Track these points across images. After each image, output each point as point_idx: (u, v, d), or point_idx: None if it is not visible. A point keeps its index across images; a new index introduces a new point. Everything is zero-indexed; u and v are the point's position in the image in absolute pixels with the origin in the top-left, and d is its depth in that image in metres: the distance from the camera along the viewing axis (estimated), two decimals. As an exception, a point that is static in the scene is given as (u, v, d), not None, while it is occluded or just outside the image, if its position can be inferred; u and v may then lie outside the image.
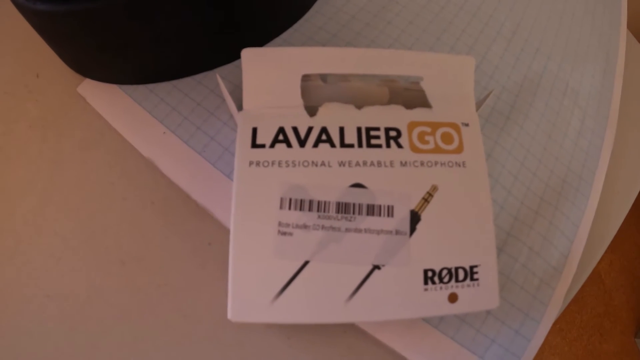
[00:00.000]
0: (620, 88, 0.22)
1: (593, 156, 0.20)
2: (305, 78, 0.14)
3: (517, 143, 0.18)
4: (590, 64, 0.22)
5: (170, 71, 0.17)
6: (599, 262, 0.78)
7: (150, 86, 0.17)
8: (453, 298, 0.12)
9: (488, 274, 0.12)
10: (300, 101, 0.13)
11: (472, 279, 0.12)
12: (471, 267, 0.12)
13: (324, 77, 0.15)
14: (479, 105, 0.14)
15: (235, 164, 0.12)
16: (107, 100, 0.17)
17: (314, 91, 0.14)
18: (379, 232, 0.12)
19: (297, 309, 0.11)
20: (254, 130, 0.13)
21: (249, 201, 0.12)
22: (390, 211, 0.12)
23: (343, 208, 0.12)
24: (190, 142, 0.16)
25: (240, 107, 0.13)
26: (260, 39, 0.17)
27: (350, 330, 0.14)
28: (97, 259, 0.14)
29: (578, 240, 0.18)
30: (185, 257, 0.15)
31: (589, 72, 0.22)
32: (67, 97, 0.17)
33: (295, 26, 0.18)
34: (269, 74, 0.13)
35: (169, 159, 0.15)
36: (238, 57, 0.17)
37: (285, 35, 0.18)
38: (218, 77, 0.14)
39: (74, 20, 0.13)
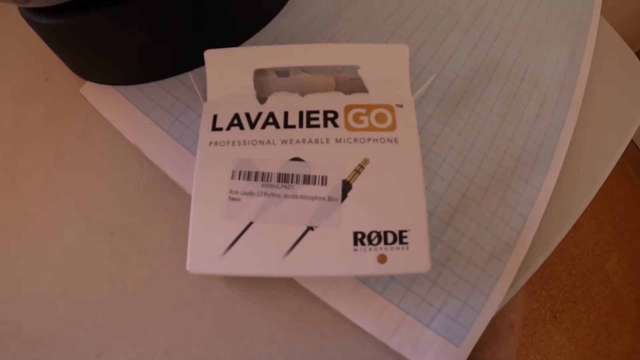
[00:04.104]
0: (587, 72, 0.22)
1: (552, 137, 0.20)
2: (262, 73, 0.16)
3: (468, 125, 0.19)
4: (555, 49, 0.23)
5: (155, 73, 0.19)
6: (606, 261, 0.74)
7: (140, 86, 0.19)
8: (382, 259, 0.13)
9: (418, 239, 0.13)
10: (253, 91, 0.15)
11: (401, 242, 0.13)
12: (400, 232, 0.13)
13: (279, 72, 0.17)
14: (417, 88, 0.15)
15: (198, 144, 0.14)
16: (103, 99, 0.19)
17: (268, 84, 0.16)
18: (313, 198, 0.13)
19: (243, 262, 0.13)
20: (215, 117, 0.15)
21: (206, 174, 0.14)
22: (324, 180, 0.13)
23: (283, 178, 0.13)
24: (169, 131, 0.18)
25: (205, 98, 0.15)
26: (232, 43, 0.19)
27: (300, 293, 0.16)
28: (89, 229, 0.17)
29: (532, 218, 0.18)
30: (162, 227, 0.17)
31: (554, 57, 0.22)
32: (71, 97, 0.20)
33: (264, 29, 0.20)
34: (227, 70, 0.15)
35: (152, 145, 0.18)
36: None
37: (253, 38, 0.20)
38: (190, 76, 0.16)
39: (73, 31, 0.16)
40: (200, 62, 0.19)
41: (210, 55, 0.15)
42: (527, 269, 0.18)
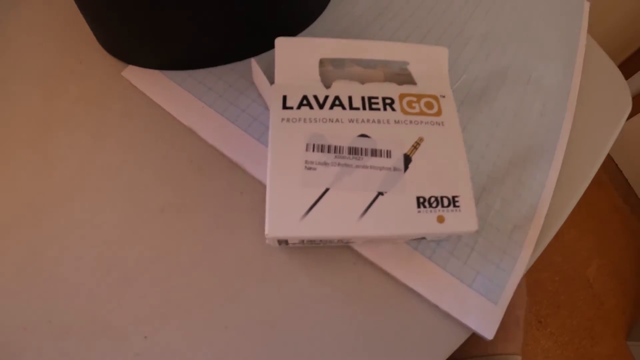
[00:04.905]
0: (579, 80, 0.28)
1: (554, 131, 0.25)
2: (320, 64, 0.19)
3: (488, 119, 0.23)
4: (552, 61, 0.28)
5: (206, 60, 0.21)
6: (587, 268, 0.83)
7: (189, 72, 0.22)
8: (441, 219, 0.16)
9: (467, 203, 0.17)
10: (318, 78, 0.18)
11: (454, 205, 0.16)
12: (453, 197, 0.17)
13: (335, 64, 0.20)
14: (454, 84, 0.19)
15: (270, 120, 0.17)
16: (150, 82, 0.21)
17: (327, 74, 0.19)
18: (381, 168, 0.16)
19: (320, 225, 0.15)
20: (284, 97, 0.18)
21: (281, 146, 0.16)
22: (388, 154, 0.17)
23: (353, 151, 0.16)
24: (225, 114, 0.20)
25: (272, 82, 0.18)
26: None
27: (360, 262, 0.18)
28: (138, 210, 0.18)
29: (544, 196, 0.22)
30: (219, 203, 0.19)
31: (552, 67, 0.28)
32: (111, 80, 0.22)
33: (309, 28, 0.23)
34: (295, 57, 0.18)
35: (207, 127, 0.20)
36: (263, 50, 0.22)
37: (302, 34, 0.23)
38: (253, 61, 0.19)
39: (130, 9, 0.18)
40: (253, 52, 0.22)
41: (280, 42, 0.18)
42: (542, 241, 0.22)
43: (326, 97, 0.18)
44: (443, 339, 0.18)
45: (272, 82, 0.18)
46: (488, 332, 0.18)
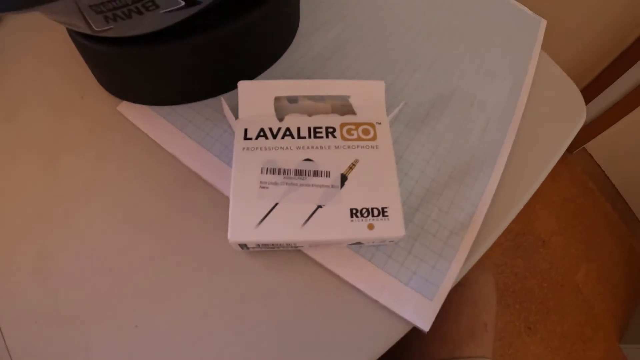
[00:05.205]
0: (526, 99, 0.31)
1: (495, 147, 0.28)
2: (277, 100, 0.23)
3: (430, 139, 0.27)
4: (498, 81, 0.32)
5: (187, 97, 0.26)
6: (576, 273, 0.84)
7: (172, 107, 0.26)
8: (371, 227, 0.20)
9: (395, 213, 0.20)
10: (274, 113, 0.22)
11: (383, 215, 0.20)
12: (382, 208, 0.20)
13: (290, 99, 0.24)
14: (391, 111, 0.23)
15: (234, 150, 0.21)
16: (140, 116, 0.26)
17: (283, 108, 0.23)
18: (320, 186, 0.20)
19: (271, 232, 0.19)
20: (245, 130, 0.21)
21: (242, 170, 0.20)
22: (328, 174, 0.20)
23: (299, 172, 0.20)
24: (202, 142, 0.24)
25: (237, 117, 0.22)
26: (249, 76, 0.27)
27: (310, 263, 0.22)
28: (132, 221, 0.22)
29: (481, 205, 0.26)
30: (196, 216, 0.22)
31: (497, 87, 0.31)
32: (108, 114, 0.26)
33: (274, 66, 0.28)
34: (255, 96, 0.22)
35: (187, 154, 0.24)
36: (233, 88, 0.26)
37: (266, 72, 0.27)
38: (222, 100, 0.23)
39: (127, 60, 0.22)
40: (221, 91, 0.27)
41: (242, 85, 0.22)
42: (480, 245, 0.25)
43: (279, 129, 0.22)
44: (384, 331, 0.21)
45: (237, 116, 0.22)
46: (424, 324, 0.21)
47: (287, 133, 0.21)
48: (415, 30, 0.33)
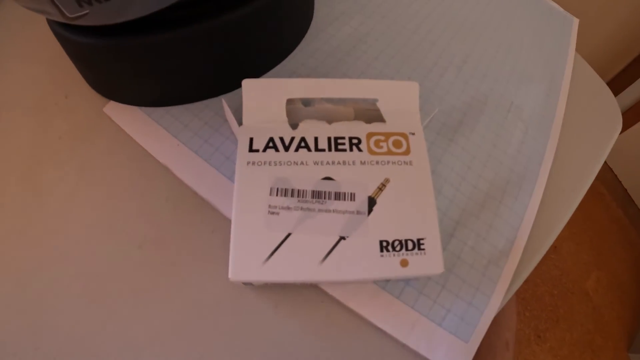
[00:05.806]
0: (564, 104, 0.28)
1: (535, 161, 0.24)
2: (290, 102, 0.19)
3: (464, 151, 0.23)
4: (534, 85, 0.28)
5: (183, 97, 0.22)
6: (586, 280, 0.81)
7: (167, 108, 0.22)
8: (404, 263, 0.16)
9: (433, 245, 0.16)
10: (285, 118, 0.18)
11: (419, 248, 0.16)
12: (418, 240, 0.16)
13: (305, 102, 0.20)
14: (426, 119, 0.19)
15: (236, 164, 0.17)
16: (129, 119, 0.21)
17: (297, 112, 0.19)
18: (344, 212, 0.16)
19: (283, 269, 0.15)
20: (251, 140, 0.18)
21: (246, 190, 0.16)
22: (352, 197, 0.16)
23: (317, 194, 0.16)
24: (199, 152, 0.20)
25: (240, 123, 0.18)
26: (255, 74, 0.22)
27: (327, 300, 0.18)
28: (118, 242, 0.18)
29: (523, 229, 0.22)
30: (193, 241, 0.19)
31: (533, 92, 0.28)
32: (94, 116, 0.22)
33: (284, 62, 0.24)
34: (262, 98, 0.18)
35: (182, 165, 0.20)
36: (237, 87, 0.22)
37: (275, 69, 0.23)
38: (223, 101, 0.19)
39: (112, 53, 0.18)
40: (224, 90, 0.23)
41: (247, 84, 0.18)
42: (521, 274, 0.21)
43: (292, 139, 0.18)
44: (413, 378, 0.17)
45: (240, 122, 0.18)
46: (459, 371, 0.18)
47: (302, 144, 0.17)
48: (441, 25, 0.29)
